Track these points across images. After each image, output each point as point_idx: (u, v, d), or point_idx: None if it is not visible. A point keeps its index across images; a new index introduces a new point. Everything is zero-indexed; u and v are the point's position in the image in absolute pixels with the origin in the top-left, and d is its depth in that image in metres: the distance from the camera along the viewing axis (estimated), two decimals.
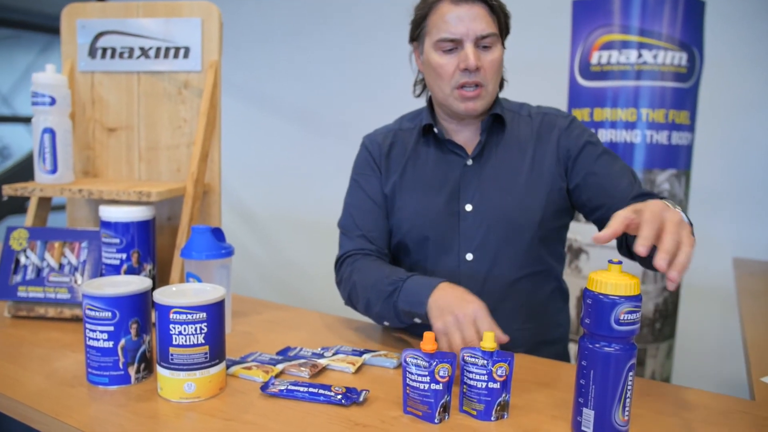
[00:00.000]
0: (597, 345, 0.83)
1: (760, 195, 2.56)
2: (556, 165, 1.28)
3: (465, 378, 0.93)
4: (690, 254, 0.83)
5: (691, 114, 2.25)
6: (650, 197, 1.22)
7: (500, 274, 1.27)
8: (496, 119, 1.31)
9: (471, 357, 0.92)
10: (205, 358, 0.95)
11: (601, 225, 1.30)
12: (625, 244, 1.23)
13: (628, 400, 0.84)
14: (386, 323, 1.23)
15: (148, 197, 1.29)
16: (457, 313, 1.05)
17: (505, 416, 0.93)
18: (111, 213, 1.27)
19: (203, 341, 0.95)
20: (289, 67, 3.61)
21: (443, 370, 0.89)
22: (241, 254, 3.79)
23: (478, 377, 0.91)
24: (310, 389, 0.97)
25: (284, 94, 3.64)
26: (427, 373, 0.89)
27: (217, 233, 1.25)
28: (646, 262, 0.96)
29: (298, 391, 0.97)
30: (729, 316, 2.51)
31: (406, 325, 1.22)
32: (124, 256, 1.28)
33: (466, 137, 1.33)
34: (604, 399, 0.83)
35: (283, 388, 0.98)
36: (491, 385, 0.90)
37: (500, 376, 0.90)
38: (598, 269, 0.86)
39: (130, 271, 1.29)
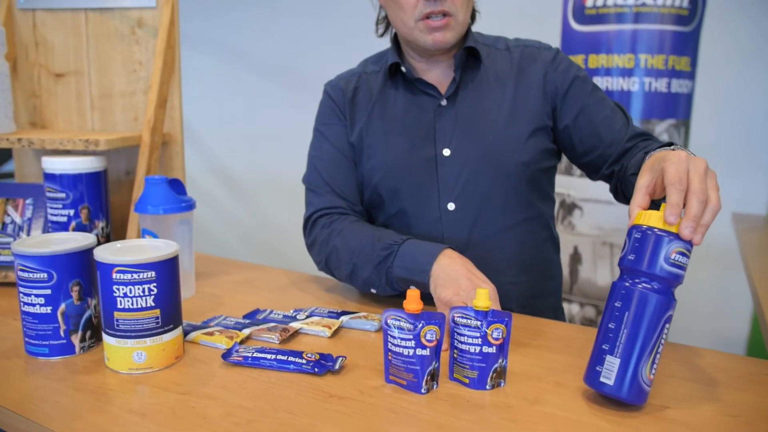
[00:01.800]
0: (639, 284, 0.73)
1: (758, 148, 2.46)
2: (542, 102, 1.16)
3: (456, 342, 0.81)
4: (717, 209, 0.74)
5: (692, 60, 2.12)
6: (644, 138, 1.13)
7: (487, 224, 1.15)
8: (470, 54, 1.17)
9: (462, 318, 0.80)
10: (156, 323, 0.83)
11: (589, 170, 1.20)
12: (621, 189, 1.12)
13: (658, 356, 0.74)
14: (373, 290, 1.11)
15: (96, 146, 1.15)
16: (469, 287, 0.94)
17: (502, 384, 0.81)
18: (55, 164, 1.13)
19: (153, 304, 0.82)
20: (268, 22, 3.43)
21: (430, 333, 0.77)
22: (221, 215, 3.69)
23: (470, 341, 0.79)
24: (279, 356, 0.85)
25: (263, 51, 3.47)
26: (411, 337, 0.77)
27: (176, 185, 1.11)
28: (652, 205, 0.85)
29: (264, 358, 0.84)
30: (726, 272, 2.43)
31: (396, 293, 1.10)
32: (72, 212, 1.14)
33: (438, 76, 1.19)
34: (636, 347, 0.73)
35: (247, 355, 0.85)
36: (486, 349, 0.79)
37: (496, 339, 0.78)
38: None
39: (80, 229, 1.15)
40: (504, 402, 0.77)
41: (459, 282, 0.95)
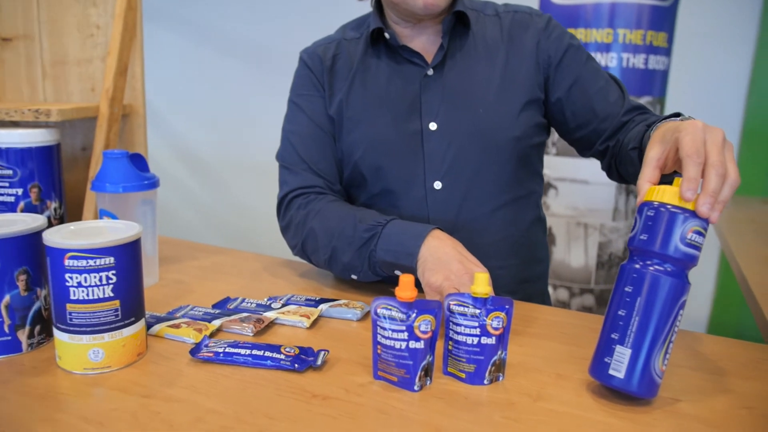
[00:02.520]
0: (651, 266, 0.67)
1: (727, 128, 2.45)
2: (534, 72, 1.09)
3: (451, 332, 0.74)
4: (736, 184, 0.68)
5: (668, 36, 2.08)
6: (641, 112, 1.07)
7: (476, 204, 1.08)
8: (458, 19, 1.09)
9: (459, 306, 0.72)
10: (116, 316, 0.73)
11: (581, 146, 1.14)
12: (616, 165, 1.06)
13: (671, 345, 0.68)
14: (354, 276, 1.02)
15: (48, 117, 1.04)
16: (461, 271, 0.86)
17: (501, 378, 0.74)
18: (1, 137, 1.02)
19: (112, 294, 0.73)
20: None
21: (425, 324, 0.69)
22: (185, 197, 3.56)
23: (468, 331, 0.72)
24: (254, 351, 0.76)
25: (231, 28, 3.32)
26: (404, 328, 0.69)
27: (137, 160, 1.01)
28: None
29: (238, 354, 0.76)
30: None
31: (379, 279, 1.02)
32: (20, 191, 1.03)
33: (424, 43, 1.11)
34: (649, 336, 0.67)
35: (219, 350, 0.77)
36: (485, 340, 0.71)
37: (496, 329, 0.71)
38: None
39: (30, 210, 1.05)
40: (504, 398, 0.70)
41: (450, 266, 0.87)
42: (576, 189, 2.11)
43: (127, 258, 0.74)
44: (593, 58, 1.12)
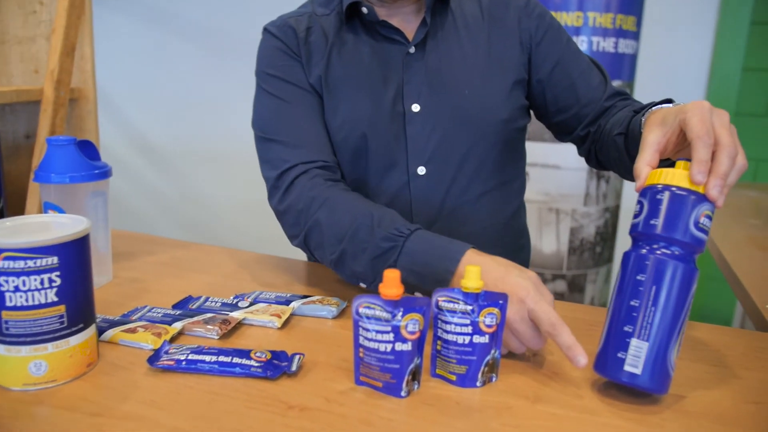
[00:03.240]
0: (662, 252, 0.63)
1: None
2: (519, 51, 1.03)
3: (440, 331, 0.67)
4: (743, 169, 0.65)
5: (637, 20, 2.06)
6: (623, 98, 1.03)
7: (461, 190, 1.02)
8: None
9: (448, 302, 0.66)
10: (61, 323, 0.65)
11: (561, 131, 1.09)
12: (595, 151, 1.01)
13: (682, 336, 0.64)
14: (363, 285, 0.89)
15: None
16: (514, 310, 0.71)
17: (494, 379, 0.68)
18: None
19: (56, 299, 0.64)
20: None
21: (412, 324, 0.62)
22: (140, 188, 3.42)
23: (459, 329, 0.65)
24: (221, 358, 0.68)
25: (186, 11, 3.19)
26: (390, 329, 0.62)
27: (87, 147, 0.92)
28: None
29: (202, 361, 0.68)
30: None
31: None
32: None
33: (401, 21, 1.04)
34: (666, 327, 0.62)
35: (181, 358, 0.69)
36: (477, 339, 0.65)
37: (489, 327, 0.65)
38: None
39: None
40: (500, 402, 0.64)
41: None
42: (547, 174, 2.08)
43: (73, 257, 0.65)
44: (572, 39, 1.07)
